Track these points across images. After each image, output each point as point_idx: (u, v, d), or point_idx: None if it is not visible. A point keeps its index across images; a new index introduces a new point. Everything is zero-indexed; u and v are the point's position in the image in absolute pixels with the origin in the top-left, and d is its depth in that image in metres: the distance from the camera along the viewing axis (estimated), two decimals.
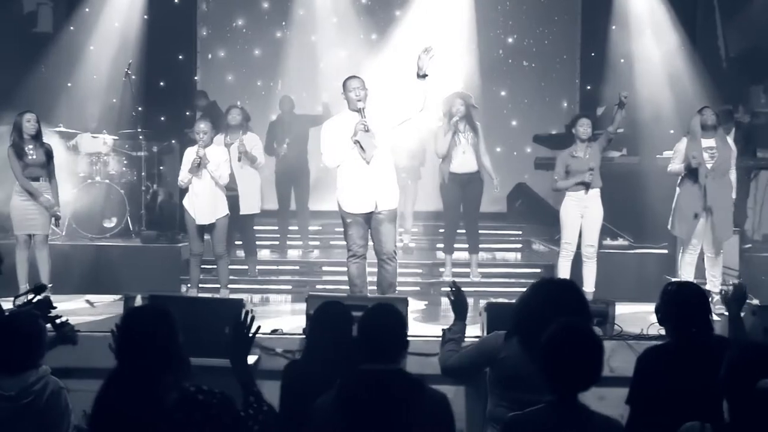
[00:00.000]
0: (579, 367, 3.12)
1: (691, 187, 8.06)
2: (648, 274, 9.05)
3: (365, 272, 7.45)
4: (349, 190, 7.24)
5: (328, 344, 4.56)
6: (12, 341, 4.02)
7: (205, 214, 8.14)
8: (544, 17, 12.90)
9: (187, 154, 8.20)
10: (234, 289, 8.92)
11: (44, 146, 8.12)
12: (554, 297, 3.77)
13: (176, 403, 3.21)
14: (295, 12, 12.56)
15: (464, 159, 8.99)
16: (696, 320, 3.99)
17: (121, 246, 9.50)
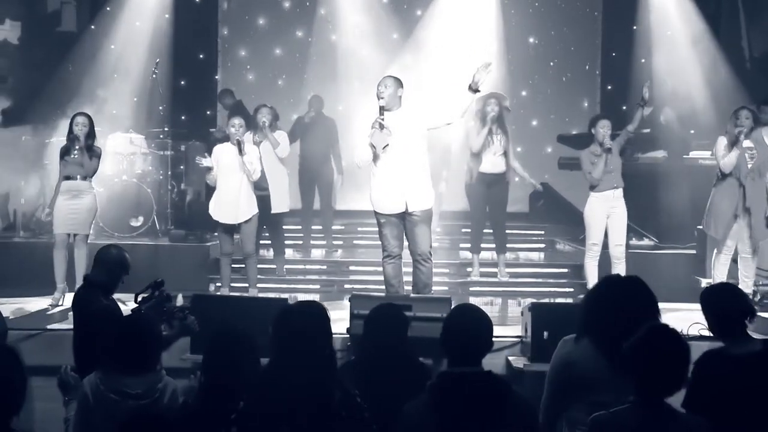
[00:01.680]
0: (667, 372, 3.12)
1: (727, 187, 8.04)
2: (676, 275, 9.05)
3: (401, 272, 7.44)
4: (379, 190, 7.24)
5: (381, 345, 4.57)
6: (137, 343, 4.06)
7: (234, 213, 8.18)
8: (565, 17, 12.88)
9: (216, 153, 8.27)
10: (263, 288, 8.93)
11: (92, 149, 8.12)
12: (623, 294, 3.72)
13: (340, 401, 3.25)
14: (317, 11, 12.57)
15: (494, 160, 9.00)
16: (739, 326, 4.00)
17: (149, 245, 9.51)
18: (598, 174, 8.19)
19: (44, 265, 8.39)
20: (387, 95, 7.11)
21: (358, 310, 6.09)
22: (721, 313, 4.06)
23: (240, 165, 8.06)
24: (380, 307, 4.85)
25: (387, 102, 7.09)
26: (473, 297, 9.19)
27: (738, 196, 7.99)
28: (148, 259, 9.22)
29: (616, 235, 8.35)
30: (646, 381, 3.11)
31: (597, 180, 8.22)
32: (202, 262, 9.27)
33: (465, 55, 11.93)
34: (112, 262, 5.43)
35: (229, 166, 8.14)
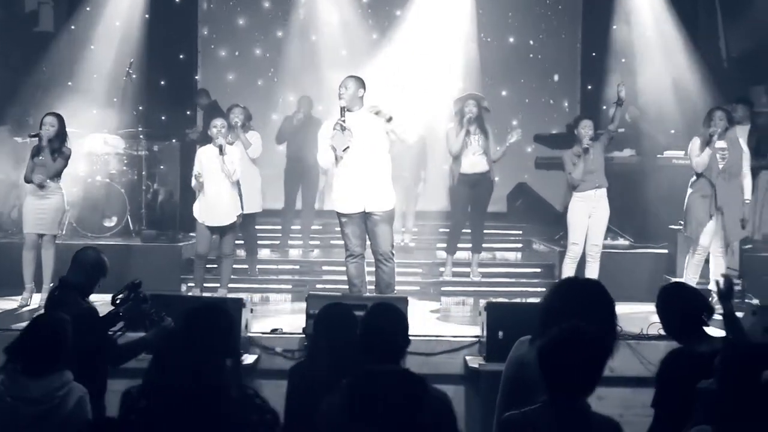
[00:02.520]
0: (577, 372, 3.09)
1: (701, 188, 8.06)
2: (648, 274, 9.04)
3: (364, 272, 7.52)
4: (340, 191, 7.40)
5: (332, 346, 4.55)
6: (38, 343, 4.01)
7: (220, 215, 8.21)
8: (545, 17, 12.89)
9: (199, 155, 8.29)
10: (234, 288, 8.93)
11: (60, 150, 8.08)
12: (580, 298, 3.69)
13: (238, 399, 3.25)
14: (296, 12, 12.55)
15: (474, 160, 8.97)
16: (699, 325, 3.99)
17: (121, 245, 9.47)
18: (578, 174, 8.22)
19: (15, 265, 8.39)
20: (348, 96, 7.22)
21: (314, 310, 6.07)
22: (681, 313, 4.04)
23: (221, 169, 8.09)
24: (328, 306, 4.83)
25: (348, 102, 7.20)
26: (445, 297, 9.20)
27: (711, 196, 8.00)
28: (120, 259, 9.13)
29: (594, 235, 8.37)
30: (557, 381, 3.10)
31: (577, 181, 8.25)
32: (174, 263, 9.26)
33: (444, 55, 11.98)
34: (89, 264, 5.40)
35: (212, 168, 8.15)
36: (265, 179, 10.85)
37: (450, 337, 6.74)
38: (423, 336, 6.61)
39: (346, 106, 7.19)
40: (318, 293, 6.65)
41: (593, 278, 3.99)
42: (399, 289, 9.06)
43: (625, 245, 9.94)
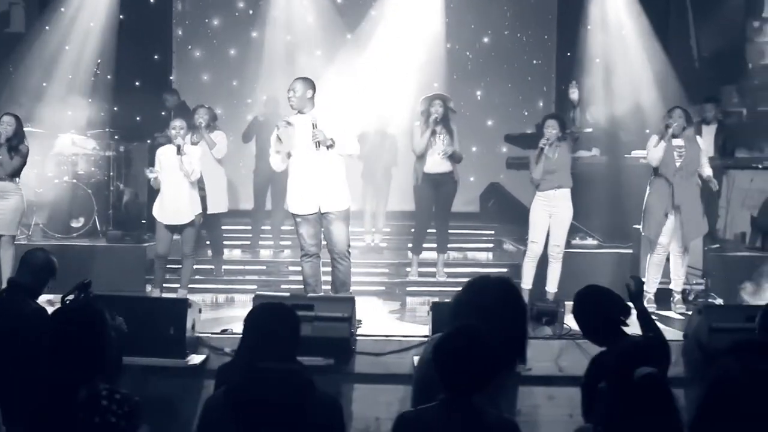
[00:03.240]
0: (466, 371, 3.09)
1: (659, 186, 8.08)
2: (613, 274, 9.03)
3: (319, 271, 7.59)
4: (293, 192, 7.49)
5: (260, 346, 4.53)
6: None
7: (177, 214, 8.22)
8: (520, 17, 12.85)
9: (158, 155, 8.31)
10: (199, 289, 8.96)
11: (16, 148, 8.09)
12: (489, 296, 3.70)
13: (83, 402, 3.23)
14: (271, 12, 12.51)
15: (438, 160, 8.94)
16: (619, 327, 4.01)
17: (86, 246, 9.49)
18: (537, 174, 8.23)
19: None
20: (296, 98, 7.36)
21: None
22: (597, 316, 4.05)
23: (180, 169, 8.11)
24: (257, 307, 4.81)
25: (296, 105, 7.35)
26: (410, 297, 9.17)
27: (668, 194, 8.01)
28: (86, 260, 9.22)
29: (555, 235, 8.36)
30: (449, 379, 3.10)
31: (536, 180, 8.26)
32: (139, 263, 9.26)
33: (419, 54, 11.98)
34: (38, 265, 5.39)
35: (171, 167, 8.17)
36: (238, 179, 10.92)
37: (400, 336, 6.74)
38: (372, 336, 6.61)
39: (295, 107, 7.37)
40: (265, 293, 6.64)
41: (506, 277, 3.97)
42: (365, 289, 9.15)
43: (593, 245, 9.94)
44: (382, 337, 6.66)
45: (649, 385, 2.91)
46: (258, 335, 3.47)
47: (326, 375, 6.08)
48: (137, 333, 5.71)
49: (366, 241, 10.56)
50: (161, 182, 8.17)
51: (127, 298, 6.15)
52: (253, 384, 3.30)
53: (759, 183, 9.96)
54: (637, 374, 2.91)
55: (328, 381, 6.13)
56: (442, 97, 9.23)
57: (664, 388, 2.95)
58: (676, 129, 7.98)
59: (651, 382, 2.92)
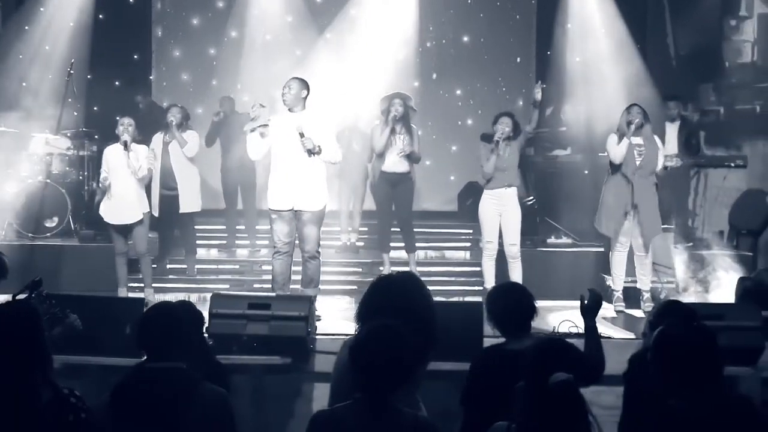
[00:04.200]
0: (383, 370, 3.08)
1: (616, 184, 8.08)
2: (583, 273, 9.04)
3: (288, 269, 7.69)
4: (272, 188, 7.65)
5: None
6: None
7: (124, 214, 8.25)
8: (499, 16, 12.83)
9: (106, 155, 8.35)
10: (171, 288, 8.99)
11: None
12: (388, 292, 3.72)
13: (49, 402, 3.22)
14: (250, 11, 12.49)
15: (396, 159, 8.93)
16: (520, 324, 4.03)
17: (58, 245, 9.51)
18: (489, 168, 8.23)
19: None
20: (290, 96, 7.53)
21: (218, 309, 6.08)
22: (504, 311, 4.08)
23: (127, 165, 8.12)
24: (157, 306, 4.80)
25: (289, 102, 7.52)
26: None
27: (627, 192, 8.01)
28: (58, 260, 9.25)
29: (509, 235, 8.36)
30: (364, 378, 3.09)
31: (488, 174, 8.26)
32: (111, 263, 9.19)
33: (398, 53, 11.98)
34: None
35: (118, 167, 8.21)
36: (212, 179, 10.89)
37: None
38: (332, 335, 6.60)
39: (287, 105, 7.56)
40: (222, 293, 6.65)
41: (411, 274, 4.02)
42: (338, 288, 9.16)
43: (567, 243, 9.95)
44: (342, 336, 6.63)
45: (563, 393, 2.91)
46: (147, 335, 3.47)
47: (284, 374, 6.10)
48: (95, 332, 5.73)
49: (342, 240, 10.54)
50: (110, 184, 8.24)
51: (84, 298, 6.13)
52: (137, 384, 3.30)
53: (733, 181, 9.96)
54: (553, 380, 2.90)
55: (286, 380, 6.17)
56: (402, 96, 9.22)
57: (577, 396, 2.95)
58: (637, 124, 7.98)
59: (565, 389, 2.92)
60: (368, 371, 3.07)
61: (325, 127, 7.67)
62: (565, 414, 2.90)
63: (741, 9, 11.12)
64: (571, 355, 3.18)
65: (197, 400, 3.28)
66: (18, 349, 3.27)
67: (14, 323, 3.33)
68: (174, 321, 3.52)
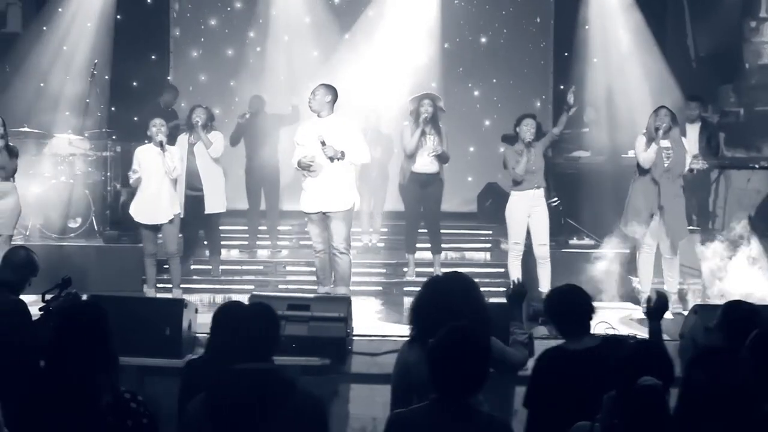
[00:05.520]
0: (462, 371, 3.10)
1: (643, 186, 8.09)
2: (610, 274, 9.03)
3: (327, 265, 8.09)
4: (304, 192, 8.07)
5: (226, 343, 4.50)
6: None
7: (155, 214, 8.27)
8: (517, 17, 12.84)
9: (137, 155, 8.33)
10: (196, 288, 9.00)
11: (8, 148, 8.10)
12: (442, 293, 3.73)
13: (110, 407, 3.21)
14: (268, 12, 12.51)
15: (427, 160, 8.96)
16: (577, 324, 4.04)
17: (83, 246, 9.51)
18: (521, 170, 8.26)
19: None
20: (316, 102, 7.87)
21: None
22: (563, 311, 4.09)
23: (161, 165, 8.12)
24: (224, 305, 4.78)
25: (315, 107, 7.88)
26: (407, 297, 9.17)
27: (654, 194, 8.02)
28: (83, 260, 9.24)
29: (538, 235, 8.38)
30: (443, 380, 3.10)
31: (520, 176, 8.28)
32: (136, 263, 9.20)
33: (416, 54, 11.98)
34: (19, 263, 5.50)
35: (150, 167, 8.22)
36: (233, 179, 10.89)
37: (396, 337, 6.73)
38: (369, 336, 6.62)
39: (314, 110, 7.93)
40: (260, 293, 6.65)
41: (462, 274, 4.04)
42: (363, 289, 9.17)
43: (590, 245, 9.95)
44: (379, 337, 6.67)
45: (650, 397, 2.90)
46: (233, 335, 3.46)
47: (322, 375, 6.10)
48: (133, 333, 5.74)
49: (363, 242, 10.55)
50: (141, 182, 8.26)
51: (124, 299, 6.14)
52: (231, 387, 3.29)
53: (755, 183, 9.96)
54: (640, 383, 2.90)
55: (324, 381, 6.18)
56: (431, 96, 9.24)
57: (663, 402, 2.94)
58: (665, 129, 7.99)
59: (652, 393, 2.91)
60: (448, 374, 3.08)
61: (349, 131, 7.93)
62: (649, 418, 2.90)
63: (761, 10, 11.14)
64: (664, 359, 3.19)
65: (293, 404, 3.28)
66: (84, 350, 3.27)
67: (82, 324, 3.34)
68: (271, 322, 3.52)
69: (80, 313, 3.43)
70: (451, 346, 3.11)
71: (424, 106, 8.88)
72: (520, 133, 8.34)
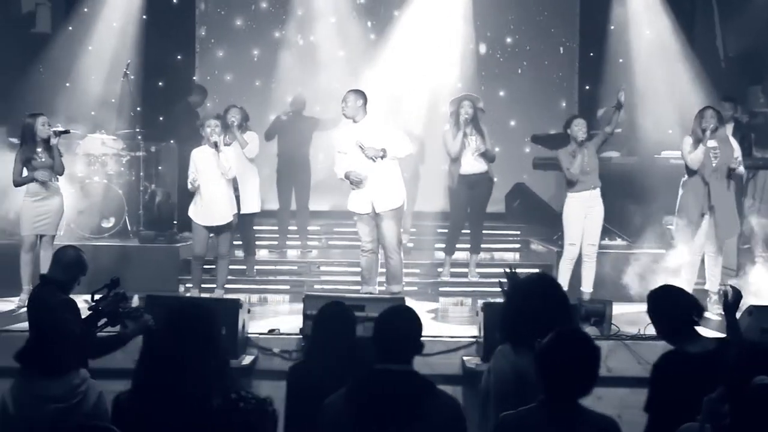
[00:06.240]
0: (575, 375, 3.11)
1: (693, 187, 8.10)
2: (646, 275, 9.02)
3: (374, 266, 8.14)
4: (351, 193, 8.16)
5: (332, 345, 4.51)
6: (50, 345, 4.03)
7: (214, 215, 8.25)
8: (542, 17, 12.85)
9: (193, 157, 8.30)
10: (232, 289, 8.94)
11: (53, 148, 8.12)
12: (535, 295, 3.72)
13: (219, 408, 3.21)
14: (294, 12, 12.53)
15: (472, 160, 9.03)
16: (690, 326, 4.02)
17: (119, 246, 9.49)
18: (576, 169, 8.27)
19: (12, 266, 8.39)
20: (349, 109, 7.99)
21: (311, 311, 6.08)
22: (671, 315, 4.05)
23: (216, 166, 8.12)
24: (327, 306, 4.82)
25: (350, 113, 8.00)
26: (443, 297, 9.23)
27: (704, 194, 8.03)
28: (118, 260, 9.22)
29: (590, 235, 8.43)
30: (555, 382, 3.10)
31: (576, 176, 8.29)
32: (172, 264, 9.27)
33: (442, 56, 11.97)
34: (69, 262, 5.51)
35: (206, 168, 8.20)
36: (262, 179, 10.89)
37: (447, 337, 6.75)
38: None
39: (349, 116, 8.04)
40: (315, 294, 6.66)
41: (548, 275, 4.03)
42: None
43: (623, 245, 9.94)
44: (429, 338, 6.64)
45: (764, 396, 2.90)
46: (385, 337, 3.48)
47: None
48: None
49: None
50: (199, 185, 8.20)
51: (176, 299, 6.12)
52: (375, 385, 3.31)
53: None
54: (756, 382, 2.90)
55: None
56: (470, 97, 9.28)
57: None
58: (712, 129, 8.00)
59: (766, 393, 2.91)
60: (561, 376, 3.08)
61: (386, 129, 8.06)
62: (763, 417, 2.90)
63: None
64: None
65: (432, 405, 3.29)
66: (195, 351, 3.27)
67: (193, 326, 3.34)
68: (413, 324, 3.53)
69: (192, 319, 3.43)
70: (563, 348, 3.11)
71: (464, 107, 8.91)
72: (571, 134, 8.35)
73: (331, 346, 4.32)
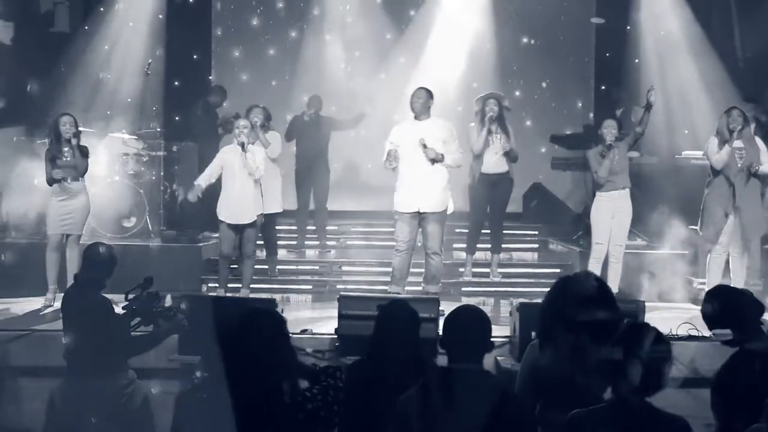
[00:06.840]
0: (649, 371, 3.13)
1: (718, 187, 8.11)
2: (669, 275, 9.04)
3: (406, 266, 8.04)
4: (398, 191, 8.04)
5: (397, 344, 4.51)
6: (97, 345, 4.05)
7: (241, 214, 8.25)
8: (559, 17, 12.85)
9: (221, 156, 8.36)
10: (255, 288, 8.96)
11: (80, 148, 8.14)
12: (577, 292, 3.70)
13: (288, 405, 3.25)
14: (310, 11, 12.56)
15: (496, 160, 9.03)
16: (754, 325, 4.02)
17: (141, 246, 9.49)
18: (603, 172, 8.27)
19: (35, 266, 8.40)
20: (418, 105, 7.93)
21: (347, 311, 6.10)
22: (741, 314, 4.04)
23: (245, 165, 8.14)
24: (390, 306, 4.83)
25: (418, 110, 7.93)
26: (465, 297, 9.22)
27: (729, 195, 8.04)
28: (140, 259, 9.20)
29: (617, 235, 8.44)
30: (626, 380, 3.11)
31: (603, 178, 8.30)
32: (194, 263, 9.27)
33: (458, 55, 11.99)
34: (100, 260, 5.57)
35: (234, 167, 8.21)
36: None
37: None
38: None
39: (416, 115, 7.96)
40: (350, 294, 6.64)
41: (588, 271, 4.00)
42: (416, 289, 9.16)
43: (642, 245, 9.95)
44: None
45: None
46: (457, 336, 3.49)
47: None
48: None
49: None
50: (224, 181, 8.22)
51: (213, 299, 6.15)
52: (448, 383, 3.31)
53: None
54: None
55: None
56: (496, 96, 9.30)
57: None
58: (739, 130, 8.02)
59: None
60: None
61: (448, 134, 7.99)
62: None
63: None
64: None
65: (507, 405, 3.30)
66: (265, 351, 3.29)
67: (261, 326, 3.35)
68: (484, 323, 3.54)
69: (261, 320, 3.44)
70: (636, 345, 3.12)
71: (489, 105, 8.92)
72: (601, 136, 8.36)
73: (396, 345, 4.34)
